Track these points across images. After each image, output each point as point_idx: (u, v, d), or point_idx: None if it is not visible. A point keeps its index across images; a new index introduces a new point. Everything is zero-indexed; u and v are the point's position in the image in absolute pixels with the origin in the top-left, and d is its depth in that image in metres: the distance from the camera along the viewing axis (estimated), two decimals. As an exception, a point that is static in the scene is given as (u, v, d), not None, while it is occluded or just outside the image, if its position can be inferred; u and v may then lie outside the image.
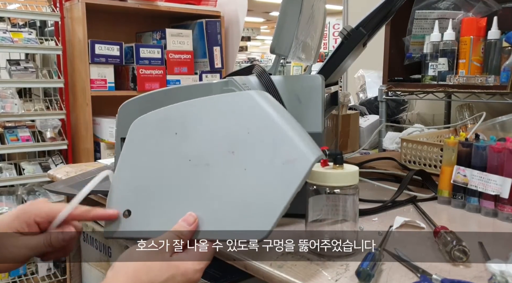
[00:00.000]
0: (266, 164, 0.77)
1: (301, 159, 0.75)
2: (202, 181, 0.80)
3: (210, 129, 0.81)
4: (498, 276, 0.66)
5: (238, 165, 0.78)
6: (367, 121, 1.98)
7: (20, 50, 2.62)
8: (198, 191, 0.80)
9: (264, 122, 0.79)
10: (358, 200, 0.79)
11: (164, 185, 0.82)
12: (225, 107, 0.82)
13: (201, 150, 0.80)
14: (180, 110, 0.84)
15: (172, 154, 0.82)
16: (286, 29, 0.93)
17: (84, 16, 2.55)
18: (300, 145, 0.76)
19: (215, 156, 0.80)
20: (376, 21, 1.04)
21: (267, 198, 0.76)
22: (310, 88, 0.94)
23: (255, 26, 13.10)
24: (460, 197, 1.03)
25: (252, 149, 0.78)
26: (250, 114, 0.80)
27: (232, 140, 0.79)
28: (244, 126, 0.79)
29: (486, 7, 1.57)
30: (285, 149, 0.76)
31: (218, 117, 0.81)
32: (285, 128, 0.78)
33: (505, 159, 0.95)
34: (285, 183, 0.75)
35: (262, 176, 0.77)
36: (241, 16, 3.11)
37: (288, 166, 0.75)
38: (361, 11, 1.05)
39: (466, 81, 1.47)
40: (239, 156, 0.78)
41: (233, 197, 0.78)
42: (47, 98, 2.75)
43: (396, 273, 0.73)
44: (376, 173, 1.33)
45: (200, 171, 0.80)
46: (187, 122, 0.82)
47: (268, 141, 0.77)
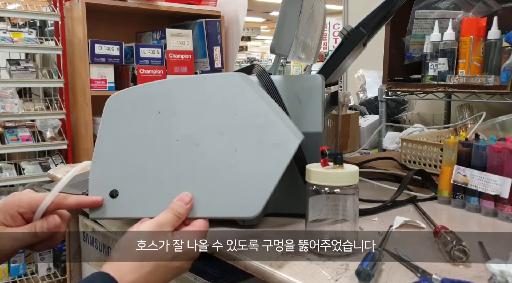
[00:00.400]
0: (256, 146, 0.80)
1: (288, 142, 0.80)
2: (192, 161, 0.81)
3: (197, 109, 0.82)
4: (498, 276, 0.66)
5: (228, 146, 0.81)
6: (367, 121, 1.98)
7: (20, 50, 2.62)
8: (189, 171, 0.81)
9: (251, 105, 0.82)
10: (358, 200, 0.79)
11: (151, 164, 0.82)
12: (211, 87, 0.83)
13: (189, 130, 0.82)
14: (163, 87, 0.84)
15: (156, 133, 0.82)
16: (286, 29, 0.93)
17: (84, 16, 2.55)
18: (286, 129, 0.81)
19: (205, 136, 0.81)
20: (376, 21, 1.04)
21: (258, 178, 0.79)
22: (310, 88, 0.94)
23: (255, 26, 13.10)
24: (460, 197, 1.03)
25: (240, 131, 0.81)
26: (236, 96, 0.82)
27: (220, 121, 0.81)
28: (231, 108, 0.81)
29: (486, 7, 1.57)
30: (273, 132, 0.80)
31: (204, 96, 0.83)
32: (271, 111, 0.82)
33: (505, 159, 0.95)
34: (275, 164, 0.79)
35: (253, 157, 0.80)
36: (241, 16, 3.11)
37: (277, 148, 0.80)
38: (361, 11, 1.05)
39: (466, 81, 1.47)
40: (228, 137, 0.81)
41: (224, 177, 0.80)
42: (47, 98, 2.75)
43: (396, 273, 0.73)
44: (376, 173, 1.33)
45: (190, 151, 0.81)
46: (171, 100, 0.83)
47: (256, 124, 0.81)
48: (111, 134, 0.84)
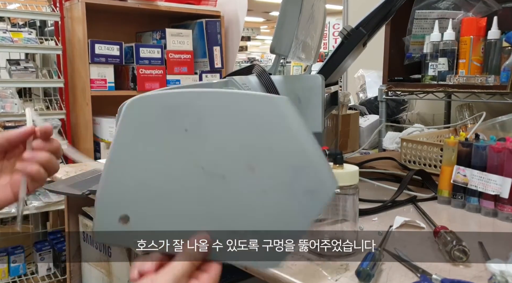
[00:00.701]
0: (287, 190, 0.70)
1: (323, 190, 0.70)
2: (216, 194, 0.71)
3: (228, 133, 0.71)
4: (498, 276, 0.66)
5: (257, 185, 0.70)
6: (367, 121, 1.97)
7: (20, 50, 2.62)
8: (210, 205, 0.72)
9: (288, 141, 0.70)
10: (358, 200, 0.79)
11: (169, 190, 0.72)
12: (247, 110, 0.71)
13: (217, 158, 0.71)
14: (193, 100, 0.71)
15: (180, 155, 0.71)
16: (286, 29, 0.92)
17: (84, 15, 2.55)
18: (322, 175, 0.71)
19: (233, 169, 0.71)
20: (376, 21, 1.03)
21: (285, 225, 0.71)
22: (310, 88, 0.94)
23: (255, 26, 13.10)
24: (460, 197, 1.03)
25: (273, 169, 0.70)
26: (274, 127, 0.71)
27: (252, 154, 0.70)
28: (266, 140, 0.70)
29: (486, 7, 1.57)
30: (308, 177, 0.70)
31: (237, 120, 0.71)
32: (309, 152, 0.71)
33: (505, 159, 0.94)
34: (305, 213, 0.71)
35: (282, 201, 0.70)
36: (241, 16, 3.11)
37: (310, 196, 0.70)
38: (361, 11, 1.05)
39: (466, 81, 1.47)
40: (259, 174, 0.70)
41: (248, 218, 0.72)
42: (47, 98, 2.75)
43: (396, 273, 0.73)
44: (376, 173, 1.33)
45: (215, 183, 0.71)
46: (201, 117, 0.71)
47: (291, 164, 0.70)
48: (127, 149, 0.72)
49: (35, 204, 2.62)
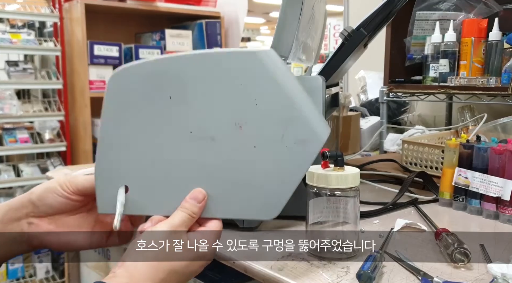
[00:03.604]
0: (277, 142, 0.72)
1: (313, 139, 0.72)
2: (207, 156, 0.73)
3: (213, 95, 0.72)
4: (499, 278, 0.65)
5: (246, 142, 0.72)
6: (368, 122, 1.97)
7: (19, 51, 2.62)
8: (203, 167, 0.73)
9: (275, 94, 0.71)
10: (359, 202, 0.79)
11: (162, 157, 0.74)
12: (230, 68, 0.72)
13: (203, 120, 0.72)
14: (176, 65, 0.73)
15: (167, 122, 0.73)
16: (287, 30, 0.92)
17: (83, 16, 2.55)
18: (313, 124, 0.72)
19: (221, 129, 0.72)
20: (377, 22, 1.03)
21: (278, 178, 0.72)
22: (310, 89, 0.93)
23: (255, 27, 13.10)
24: (461, 199, 1.02)
25: (261, 124, 0.72)
26: (258, 82, 0.71)
27: (239, 112, 0.72)
28: (251, 96, 0.71)
29: (487, 8, 1.57)
30: (297, 128, 0.71)
31: (221, 79, 0.72)
32: (297, 103, 0.72)
33: (506, 161, 0.94)
34: (296, 163, 0.72)
35: (272, 154, 0.72)
36: (241, 16, 3.11)
37: (300, 146, 0.71)
38: (362, 12, 1.04)
39: (467, 82, 1.46)
40: (247, 131, 0.72)
41: (241, 175, 0.73)
42: (46, 99, 2.75)
43: (397, 276, 0.72)
44: (377, 175, 1.32)
45: (204, 145, 0.72)
46: (184, 83, 0.72)
47: (279, 116, 0.71)
48: (116, 120, 0.74)
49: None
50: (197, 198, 0.72)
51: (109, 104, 0.74)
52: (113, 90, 0.74)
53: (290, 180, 0.72)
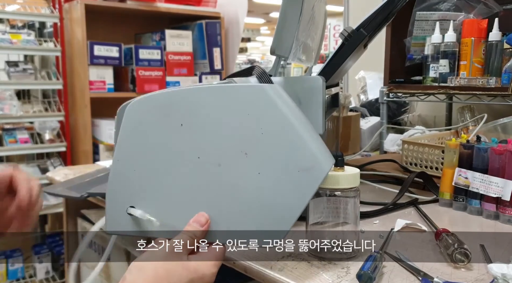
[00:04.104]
0: (281, 170, 0.74)
1: (317, 168, 0.74)
2: (213, 181, 0.76)
3: (220, 124, 0.76)
4: (499, 278, 0.66)
5: (251, 168, 0.75)
6: (368, 122, 1.97)
7: (19, 51, 2.62)
8: (209, 191, 0.76)
9: (280, 124, 0.75)
10: (359, 202, 0.79)
11: (170, 181, 0.77)
12: (237, 100, 0.76)
13: (211, 147, 0.76)
14: (185, 96, 0.77)
15: (177, 147, 0.77)
16: (287, 30, 0.92)
17: (83, 17, 2.55)
18: (316, 152, 0.74)
19: (227, 156, 0.75)
20: (377, 23, 1.03)
21: (281, 205, 0.74)
22: (310, 89, 0.93)
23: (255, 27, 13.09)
24: (461, 200, 1.02)
25: (266, 152, 0.75)
26: (264, 113, 0.75)
27: (244, 140, 0.75)
28: (257, 125, 0.75)
29: (487, 8, 1.57)
30: (301, 156, 0.74)
31: (229, 110, 0.76)
32: (301, 132, 0.75)
33: (506, 161, 0.94)
34: (300, 191, 0.74)
35: (277, 182, 0.74)
36: (241, 17, 3.11)
37: (303, 174, 0.74)
38: (362, 12, 1.04)
39: (467, 82, 1.46)
40: (252, 158, 0.75)
41: (246, 201, 0.75)
42: (46, 100, 2.74)
43: (397, 276, 0.72)
44: (377, 175, 1.32)
45: (211, 171, 0.76)
46: (193, 112, 0.76)
47: (283, 145, 0.74)
48: (130, 146, 0.79)
49: (34, 206, 2.60)
50: (200, 221, 0.74)
51: (124, 132, 0.79)
52: (128, 120, 0.78)
53: (294, 207, 0.74)
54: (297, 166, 0.74)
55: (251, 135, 0.75)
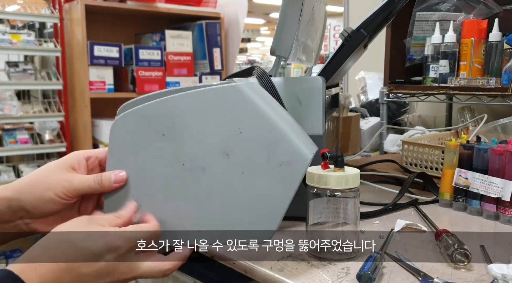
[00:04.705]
0: (263, 166, 0.76)
1: (298, 160, 0.76)
2: (199, 185, 0.78)
3: (200, 128, 0.77)
4: (500, 279, 0.65)
5: (234, 169, 0.77)
6: (368, 123, 1.97)
7: (19, 51, 2.62)
8: (196, 196, 0.78)
9: (256, 120, 0.76)
10: (359, 203, 0.79)
11: (159, 190, 0.79)
12: (213, 102, 0.77)
13: (194, 153, 0.77)
14: (165, 106, 0.78)
15: (162, 157, 0.78)
16: (287, 31, 0.92)
17: (83, 17, 2.55)
18: (295, 145, 0.76)
19: (210, 159, 0.77)
20: (377, 23, 1.03)
21: (267, 201, 0.76)
22: (310, 90, 0.93)
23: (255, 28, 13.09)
24: (461, 200, 1.02)
25: (246, 150, 0.76)
26: (240, 111, 0.77)
27: (224, 141, 0.77)
28: (235, 125, 0.76)
29: (487, 9, 1.57)
30: (281, 150, 0.76)
31: (206, 113, 0.77)
32: (278, 126, 0.76)
33: (506, 162, 0.94)
34: (284, 185, 0.76)
35: (260, 179, 0.76)
36: (241, 17, 3.11)
37: (285, 167, 0.76)
38: (362, 12, 1.04)
39: (467, 83, 1.46)
40: (234, 158, 0.76)
41: (233, 202, 0.77)
42: (46, 100, 2.75)
43: (397, 277, 0.72)
44: (377, 176, 1.32)
45: (196, 176, 0.77)
46: (174, 121, 0.78)
47: (262, 141, 0.76)
48: (120, 159, 0.80)
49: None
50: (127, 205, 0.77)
51: (112, 145, 0.80)
52: (114, 134, 0.80)
53: (280, 201, 0.76)
54: (277, 160, 0.76)
55: (230, 135, 0.76)
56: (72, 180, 0.77)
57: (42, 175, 0.77)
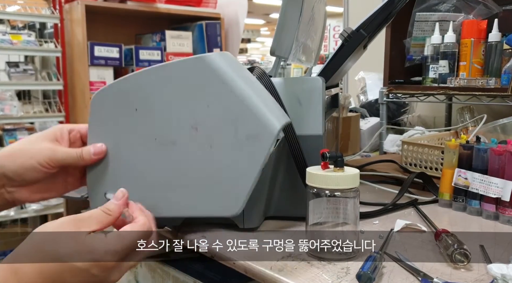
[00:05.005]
0: (230, 140, 0.76)
1: (264, 133, 0.75)
2: (170, 160, 0.79)
3: (169, 103, 0.78)
4: (499, 279, 0.66)
5: (203, 143, 0.77)
6: (367, 123, 1.97)
7: (20, 52, 2.63)
8: (168, 171, 0.79)
9: (223, 94, 0.76)
10: (359, 203, 0.79)
11: (135, 165, 0.80)
12: (181, 75, 0.78)
13: (165, 127, 0.78)
14: (137, 81, 0.80)
15: (136, 132, 0.80)
16: (286, 31, 0.92)
17: (84, 18, 2.55)
18: (262, 117, 0.76)
19: (180, 133, 0.78)
20: (376, 23, 1.03)
21: (235, 174, 0.76)
22: (310, 90, 0.93)
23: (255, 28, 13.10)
24: (461, 200, 1.02)
25: (214, 124, 0.77)
26: (207, 84, 0.77)
27: (193, 115, 0.77)
28: (202, 98, 0.77)
29: (487, 9, 1.57)
30: (247, 123, 0.75)
31: (176, 87, 0.78)
32: (246, 98, 0.76)
33: (506, 162, 0.94)
34: (251, 159, 0.76)
35: (227, 153, 0.77)
36: (241, 18, 3.11)
37: (252, 141, 0.75)
38: (362, 13, 1.04)
39: (467, 83, 1.46)
40: (202, 132, 0.77)
41: (202, 174, 0.78)
42: (46, 100, 2.75)
43: (397, 277, 0.72)
44: (377, 176, 1.32)
45: (167, 150, 0.78)
46: (146, 95, 0.79)
47: (229, 115, 0.76)
48: (98, 135, 0.82)
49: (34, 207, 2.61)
50: (117, 196, 0.74)
51: (91, 120, 0.83)
52: (93, 110, 0.82)
53: (247, 175, 0.76)
54: (244, 134, 0.76)
55: (198, 109, 0.77)
56: (56, 150, 0.79)
57: (26, 144, 0.80)
